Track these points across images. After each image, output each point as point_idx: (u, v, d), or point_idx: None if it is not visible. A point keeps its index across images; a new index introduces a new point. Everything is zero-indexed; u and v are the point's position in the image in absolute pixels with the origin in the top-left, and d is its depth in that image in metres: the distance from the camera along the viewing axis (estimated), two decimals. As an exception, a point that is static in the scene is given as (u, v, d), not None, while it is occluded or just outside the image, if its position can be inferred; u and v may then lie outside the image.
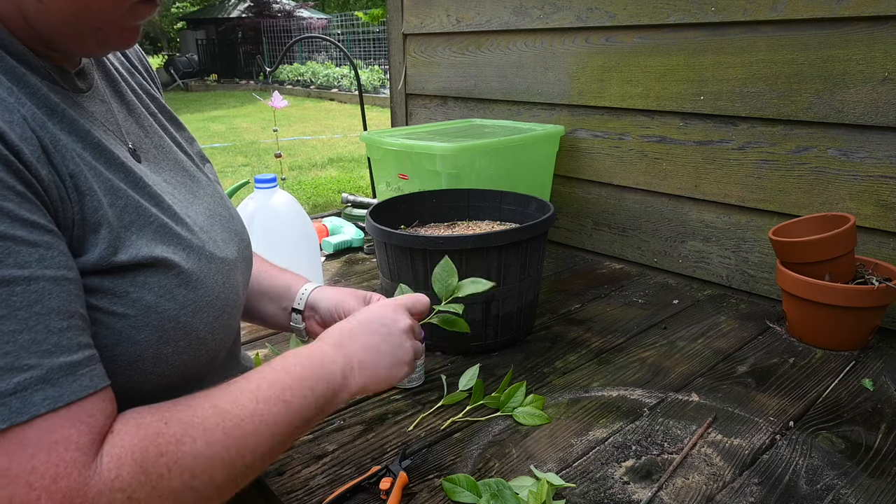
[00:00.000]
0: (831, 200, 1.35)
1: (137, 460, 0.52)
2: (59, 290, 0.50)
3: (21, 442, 0.47)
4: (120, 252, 0.57)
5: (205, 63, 18.41)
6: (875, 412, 1.02)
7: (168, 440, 0.54)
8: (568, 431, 0.97)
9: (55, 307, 0.50)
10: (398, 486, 0.83)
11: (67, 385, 0.49)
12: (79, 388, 0.50)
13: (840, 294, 1.16)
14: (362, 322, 0.77)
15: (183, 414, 0.57)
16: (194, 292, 0.63)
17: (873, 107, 1.25)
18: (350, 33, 16.54)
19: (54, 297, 0.50)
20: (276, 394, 0.63)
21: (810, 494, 0.83)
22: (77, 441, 0.49)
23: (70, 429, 0.49)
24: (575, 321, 1.36)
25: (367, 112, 2.66)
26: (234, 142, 8.29)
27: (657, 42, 1.55)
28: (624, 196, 1.72)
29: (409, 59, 2.25)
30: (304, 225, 1.37)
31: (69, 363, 0.50)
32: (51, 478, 0.47)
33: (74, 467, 0.49)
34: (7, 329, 0.47)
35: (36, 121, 0.53)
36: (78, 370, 0.50)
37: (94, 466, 0.50)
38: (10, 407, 0.46)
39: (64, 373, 0.49)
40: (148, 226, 0.61)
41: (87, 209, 0.55)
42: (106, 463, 0.50)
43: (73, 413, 0.49)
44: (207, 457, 0.56)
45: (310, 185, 5.90)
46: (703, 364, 1.17)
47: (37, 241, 0.50)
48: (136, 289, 0.58)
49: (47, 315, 0.49)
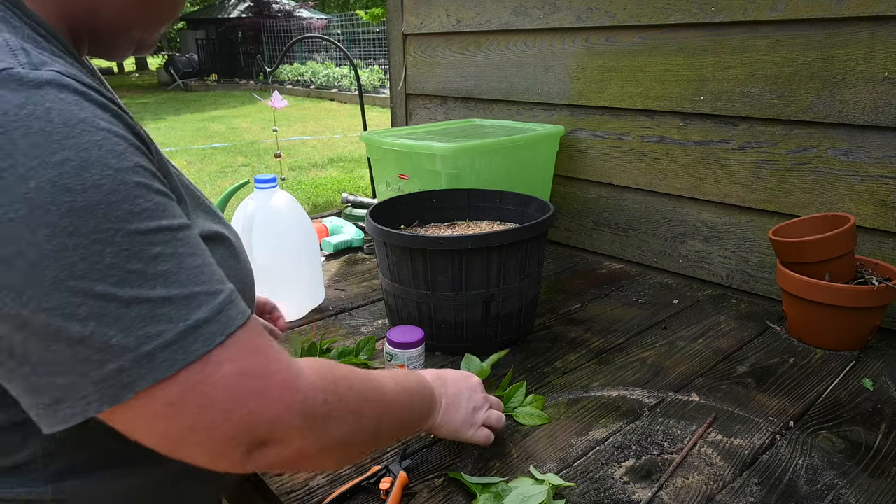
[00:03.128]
0: (831, 200, 1.35)
1: (325, 375, 0.60)
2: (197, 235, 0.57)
3: (238, 348, 0.53)
4: (195, 225, 0.63)
5: (205, 63, 18.40)
6: (875, 412, 1.02)
7: (340, 373, 0.63)
8: (568, 431, 0.97)
9: (205, 247, 0.56)
10: (398, 486, 0.83)
11: (241, 305, 0.56)
12: (244, 308, 0.56)
13: (840, 294, 1.16)
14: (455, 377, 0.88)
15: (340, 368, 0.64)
16: (239, 264, 0.71)
17: (873, 107, 1.25)
18: (350, 33, 16.53)
19: (200, 241, 0.56)
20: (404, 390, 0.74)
21: (810, 494, 0.83)
22: (269, 345, 0.56)
23: (260, 337, 0.56)
24: (575, 321, 1.36)
25: (367, 112, 2.66)
26: (234, 142, 8.29)
27: (657, 42, 1.55)
28: (624, 196, 1.72)
29: (409, 59, 2.25)
30: (304, 225, 1.37)
31: (233, 289, 0.56)
32: (273, 370, 0.55)
33: (284, 364, 0.56)
34: (196, 263, 0.53)
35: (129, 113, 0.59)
36: (235, 295, 0.56)
37: (296, 368, 0.57)
38: (222, 322, 0.53)
39: (234, 296, 0.56)
40: (199, 206, 0.68)
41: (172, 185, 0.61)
42: (303, 368, 0.58)
43: (253, 326, 0.56)
44: (366, 400, 0.65)
45: (310, 185, 5.90)
46: (703, 364, 1.17)
47: (175, 199, 0.56)
48: None
49: (207, 253, 0.56)
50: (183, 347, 0.50)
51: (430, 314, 1.19)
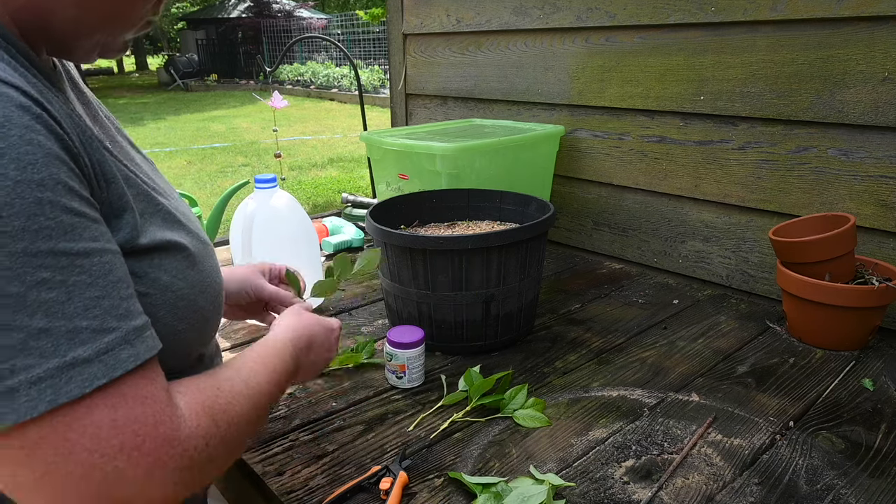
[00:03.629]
0: (831, 200, 1.35)
1: (209, 414, 0.58)
2: (118, 261, 0.54)
3: (120, 395, 0.51)
4: (142, 235, 0.61)
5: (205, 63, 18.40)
6: (875, 412, 1.02)
7: (225, 400, 0.61)
8: (568, 431, 0.97)
9: (121, 276, 0.54)
10: (398, 486, 0.83)
11: (140, 345, 0.53)
12: (146, 348, 0.54)
13: (840, 294, 1.16)
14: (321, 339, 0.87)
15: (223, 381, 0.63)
16: (199, 273, 0.68)
17: (873, 107, 1.25)
18: (350, 33, 16.53)
19: (118, 267, 0.54)
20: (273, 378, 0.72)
21: (810, 494, 0.83)
22: (157, 395, 0.54)
23: (150, 385, 0.54)
24: (575, 321, 1.36)
25: (367, 112, 2.66)
26: (234, 142, 8.29)
27: (657, 42, 1.55)
28: (624, 196, 1.72)
29: (409, 59, 2.25)
30: (304, 225, 1.37)
31: (137, 326, 0.54)
32: (151, 424, 0.52)
33: (166, 415, 0.53)
34: (93, 295, 0.50)
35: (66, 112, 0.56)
36: (144, 332, 0.54)
37: (178, 415, 0.55)
38: (106, 364, 0.50)
39: (137, 334, 0.53)
40: (157, 213, 0.65)
41: (112, 195, 0.59)
42: (186, 414, 0.56)
43: (147, 371, 0.54)
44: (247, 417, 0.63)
45: (310, 185, 5.90)
46: (703, 364, 1.17)
47: (97, 218, 0.54)
48: (153, 270, 0.62)
49: (117, 283, 0.53)
50: (52, 386, 0.46)
51: (430, 314, 1.19)
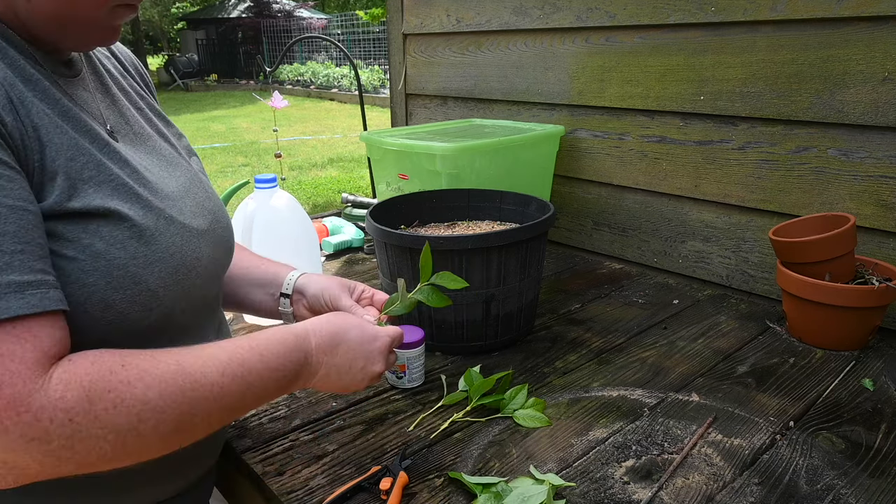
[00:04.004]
0: (831, 200, 1.35)
1: (85, 388, 0.55)
2: (15, 216, 0.55)
3: None
4: (74, 199, 0.62)
5: (205, 63, 18.41)
6: (875, 412, 1.02)
7: (120, 379, 0.58)
8: (568, 431, 0.97)
9: (10, 231, 0.54)
10: (398, 486, 0.83)
11: (14, 300, 0.53)
12: (25, 304, 0.53)
13: (840, 294, 1.16)
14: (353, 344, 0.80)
15: (143, 361, 0.60)
16: (146, 247, 0.67)
17: (873, 107, 1.25)
18: (350, 33, 16.53)
19: (10, 222, 0.54)
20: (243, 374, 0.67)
21: (810, 494, 0.83)
22: (21, 355, 0.53)
23: (14, 344, 0.53)
24: (575, 321, 1.36)
25: (367, 112, 2.66)
26: (234, 142, 8.29)
27: (657, 42, 1.55)
28: (624, 196, 1.72)
29: (409, 59, 2.25)
30: (304, 225, 1.37)
31: (18, 282, 0.53)
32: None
33: (19, 378, 0.52)
34: None
35: (6, 80, 0.59)
36: (26, 290, 0.54)
37: (40, 382, 0.53)
38: None
39: (11, 289, 0.53)
40: (107, 182, 0.66)
41: (46, 158, 0.60)
42: (54, 383, 0.54)
43: (18, 329, 0.53)
44: (158, 407, 0.59)
45: (310, 185, 5.90)
46: (703, 364, 1.17)
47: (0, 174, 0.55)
48: (87, 235, 0.62)
49: (1, 236, 0.53)
50: None
51: (430, 314, 1.19)
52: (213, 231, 0.81)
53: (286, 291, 0.98)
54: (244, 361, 0.68)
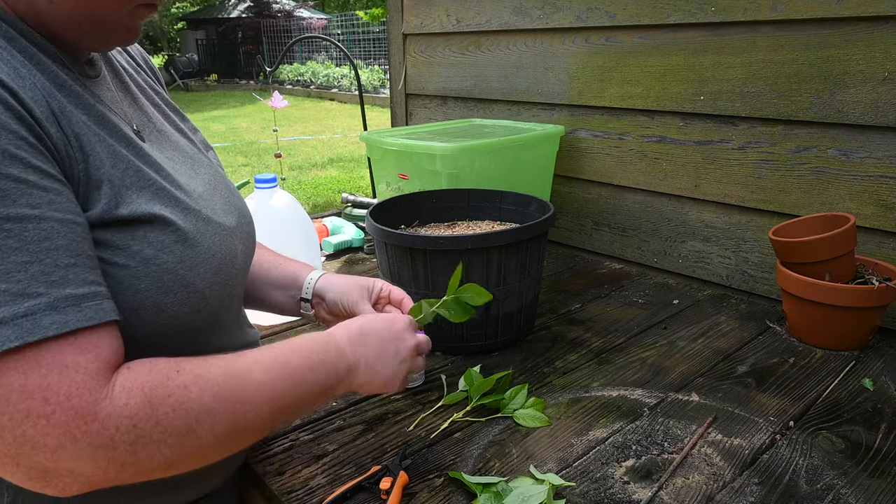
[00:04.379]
0: (831, 200, 1.35)
1: (146, 395, 0.57)
2: (66, 230, 0.55)
3: (35, 361, 0.51)
4: (121, 207, 0.62)
5: (205, 63, 18.41)
6: (875, 412, 1.02)
7: (177, 384, 0.59)
8: (568, 431, 0.97)
9: (63, 245, 0.54)
10: (398, 485, 0.83)
11: (73, 314, 0.54)
12: (84, 317, 0.54)
13: (840, 294, 1.16)
14: (379, 330, 0.82)
15: (196, 366, 0.62)
16: (191, 249, 0.68)
17: (873, 107, 1.25)
18: (350, 33, 16.53)
19: (62, 236, 0.55)
20: (289, 372, 0.69)
21: (810, 494, 0.83)
22: (85, 366, 0.54)
23: (78, 355, 0.54)
24: (575, 321, 1.36)
25: (367, 112, 2.66)
26: (234, 142, 8.29)
27: (657, 42, 1.55)
28: (624, 196, 1.72)
29: (409, 59, 2.25)
30: (305, 225, 1.37)
31: (75, 295, 0.54)
32: (64, 395, 0.52)
33: (85, 388, 0.53)
34: (19, 260, 0.51)
35: (45, 89, 0.59)
36: (83, 302, 0.55)
37: (104, 392, 0.55)
38: (22, 328, 0.51)
39: (70, 303, 0.54)
40: (148, 187, 0.66)
41: (90, 167, 0.61)
42: (118, 392, 0.55)
43: (79, 341, 0.54)
44: (211, 409, 0.61)
45: (310, 185, 5.90)
46: (703, 364, 1.17)
47: (47, 187, 0.55)
48: (136, 242, 0.63)
49: (55, 251, 0.54)
50: None
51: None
52: (241, 227, 0.82)
53: (306, 296, 0.99)
54: (286, 360, 0.70)
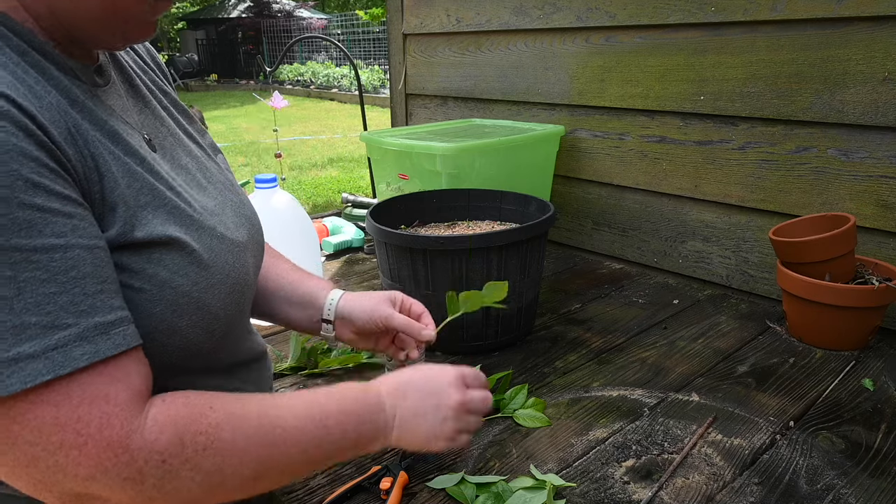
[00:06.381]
0: (831, 200, 1.35)
1: (178, 431, 0.56)
2: (91, 257, 0.55)
3: (66, 393, 0.51)
4: (137, 229, 0.61)
5: (205, 63, 18.41)
6: (875, 412, 1.02)
7: (210, 422, 0.59)
8: (568, 431, 0.97)
9: (89, 272, 0.54)
10: (398, 485, 0.83)
11: (102, 342, 0.53)
12: (112, 345, 0.54)
13: (840, 294, 1.16)
14: (419, 383, 0.77)
15: (231, 405, 0.61)
16: (206, 271, 0.67)
17: (873, 107, 1.25)
18: (350, 33, 16.53)
19: (88, 263, 0.54)
20: (321, 419, 0.67)
21: (810, 494, 0.83)
22: (116, 397, 0.54)
23: (109, 385, 0.54)
24: (575, 321, 1.36)
25: (367, 112, 2.66)
26: (234, 142, 8.28)
27: (657, 42, 1.55)
28: (624, 196, 1.72)
29: (409, 59, 2.25)
30: (305, 225, 1.37)
31: (103, 323, 0.54)
32: (96, 426, 0.52)
33: (117, 419, 0.53)
34: (48, 291, 0.51)
35: (60, 108, 0.58)
36: (111, 329, 0.54)
37: (136, 423, 0.55)
38: (53, 360, 0.50)
39: (99, 331, 0.53)
40: (162, 207, 0.65)
41: (106, 189, 0.60)
42: (150, 425, 0.55)
43: (110, 370, 0.54)
44: (241, 449, 0.60)
45: (310, 185, 5.90)
46: (703, 364, 1.17)
47: (71, 213, 0.54)
48: (151, 265, 0.62)
49: (82, 279, 0.53)
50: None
51: (431, 314, 1.19)
52: (252, 238, 0.80)
53: (327, 317, 0.94)
54: (322, 406, 0.68)
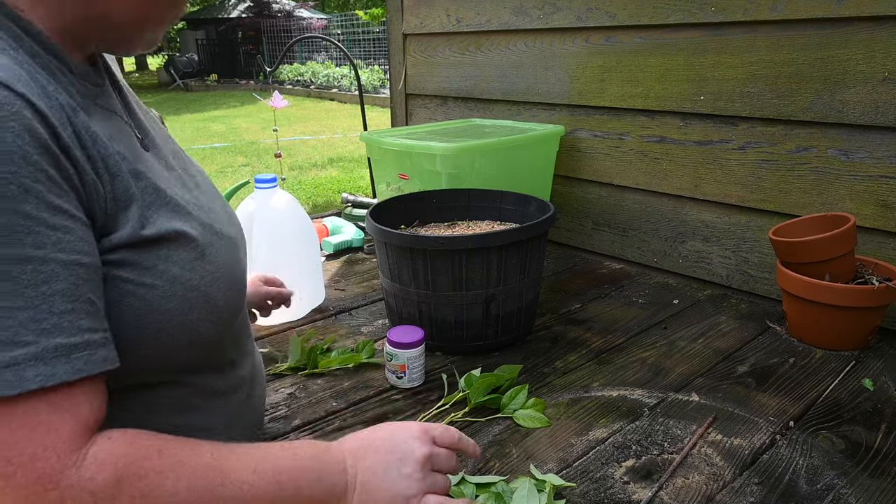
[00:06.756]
0: (831, 200, 1.35)
1: (118, 473, 0.53)
2: (68, 273, 0.53)
3: (8, 416, 0.49)
4: (147, 227, 0.62)
5: (205, 63, 18.39)
6: (875, 412, 1.02)
7: (154, 467, 0.55)
8: (568, 431, 0.97)
9: (61, 290, 0.52)
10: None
11: (60, 366, 0.51)
12: (70, 370, 0.51)
13: (840, 294, 1.16)
14: (381, 440, 0.70)
15: (181, 452, 0.58)
16: (211, 264, 0.68)
17: (873, 107, 1.25)
18: (350, 33, 16.53)
19: (62, 280, 0.52)
20: (274, 473, 0.62)
21: (810, 494, 0.83)
22: (59, 428, 0.51)
23: (52, 414, 0.51)
24: (575, 321, 1.36)
25: (367, 112, 2.66)
26: (234, 142, 8.28)
27: (657, 42, 1.55)
28: (624, 196, 1.72)
29: (409, 59, 2.25)
30: (304, 225, 1.37)
31: (66, 345, 0.51)
32: (30, 456, 0.49)
33: (53, 452, 0.50)
34: (11, 305, 0.49)
35: (70, 108, 0.58)
36: (73, 353, 0.52)
37: (74, 458, 0.51)
38: (3, 378, 0.48)
39: (58, 353, 0.51)
40: (165, 205, 0.65)
41: (117, 188, 0.60)
42: (88, 461, 0.52)
43: (58, 398, 0.51)
44: (183, 501, 0.56)
45: (310, 185, 5.89)
46: (703, 364, 1.17)
47: (56, 225, 0.52)
48: (162, 262, 0.62)
49: (52, 296, 0.51)
50: None
51: (430, 314, 1.19)
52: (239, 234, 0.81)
53: None
54: (277, 459, 0.63)
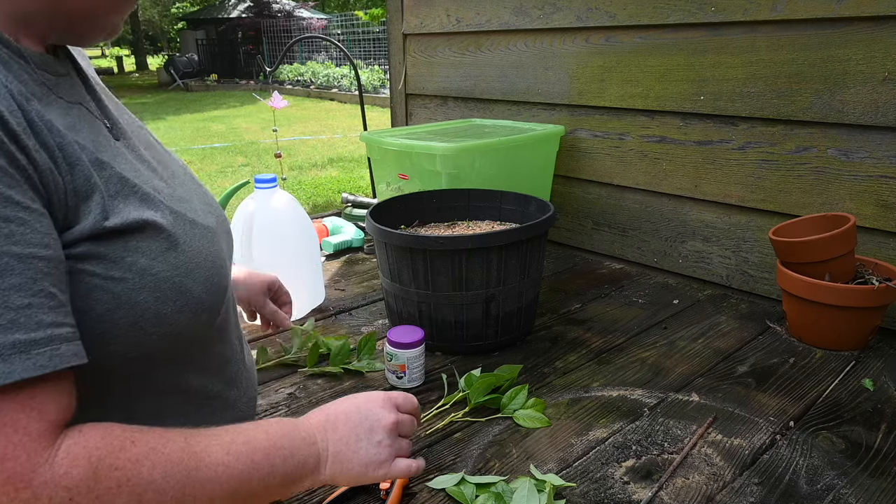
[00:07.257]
0: (831, 200, 1.35)
1: (92, 465, 0.52)
2: (23, 267, 0.50)
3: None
4: (111, 217, 0.59)
5: (205, 63, 18.39)
6: (875, 412, 1.02)
7: (128, 457, 0.54)
8: (568, 431, 0.97)
9: (17, 283, 0.49)
10: (398, 486, 0.83)
11: (19, 363, 0.49)
12: (31, 366, 0.49)
13: (840, 294, 1.16)
14: (349, 412, 0.73)
15: (153, 440, 0.57)
16: (184, 255, 0.65)
17: (873, 107, 1.25)
18: (350, 33, 16.53)
19: (17, 273, 0.50)
20: (248, 452, 0.62)
21: (810, 494, 0.83)
22: (26, 426, 0.49)
23: (19, 412, 0.49)
24: (575, 321, 1.36)
25: (367, 112, 2.66)
26: (234, 142, 8.28)
27: (657, 42, 1.55)
28: (624, 196, 1.72)
29: (409, 59, 2.25)
30: (304, 225, 1.37)
31: (25, 341, 0.49)
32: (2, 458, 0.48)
33: (23, 451, 0.49)
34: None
35: (22, 96, 0.55)
36: (33, 349, 0.50)
37: (45, 456, 0.50)
38: None
39: (17, 350, 0.49)
40: (133, 194, 0.63)
41: (77, 178, 0.58)
42: (60, 457, 0.51)
43: (22, 396, 0.50)
44: (160, 488, 0.55)
45: (310, 185, 5.89)
46: (703, 364, 1.17)
47: (9, 217, 0.50)
48: (129, 253, 0.60)
49: (7, 291, 0.49)
50: None
51: (430, 314, 1.19)
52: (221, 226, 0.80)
53: None
54: (249, 439, 0.63)
